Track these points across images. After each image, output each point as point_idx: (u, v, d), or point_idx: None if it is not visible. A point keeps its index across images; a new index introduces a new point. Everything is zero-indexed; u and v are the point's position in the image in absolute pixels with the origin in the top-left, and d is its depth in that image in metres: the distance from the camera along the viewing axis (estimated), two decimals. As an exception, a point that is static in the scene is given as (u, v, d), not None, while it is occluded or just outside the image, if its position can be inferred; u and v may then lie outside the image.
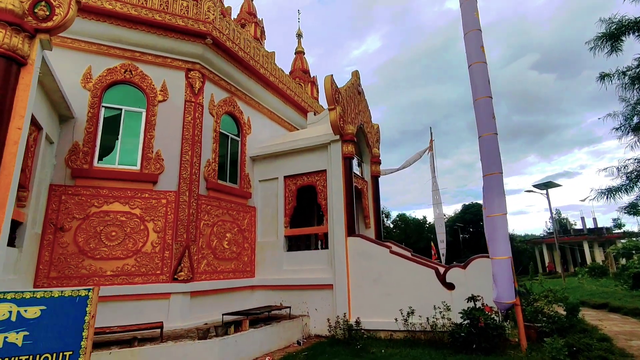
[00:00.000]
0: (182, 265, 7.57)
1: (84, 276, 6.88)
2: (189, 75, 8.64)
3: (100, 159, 7.62)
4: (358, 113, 10.46)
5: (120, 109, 7.98)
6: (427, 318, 7.25)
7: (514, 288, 6.07)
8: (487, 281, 6.90)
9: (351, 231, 8.68)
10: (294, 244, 9.68)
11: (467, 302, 6.63)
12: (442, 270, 7.73)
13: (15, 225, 5.88)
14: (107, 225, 7.26)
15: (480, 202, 7.68)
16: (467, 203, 46.58)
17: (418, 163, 19.37)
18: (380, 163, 11.42)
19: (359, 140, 10.98)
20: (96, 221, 7.19)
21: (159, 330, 6.37)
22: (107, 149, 7.75)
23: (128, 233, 7.38)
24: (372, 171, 11.16)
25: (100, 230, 7.17)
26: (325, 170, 9.41)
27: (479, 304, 6.52)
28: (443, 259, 17.56)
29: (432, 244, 20.85)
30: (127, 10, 7.89)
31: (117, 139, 7.84)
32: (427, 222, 45.87)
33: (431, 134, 19.44)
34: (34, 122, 6.11)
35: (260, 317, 8.42)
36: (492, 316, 6.29)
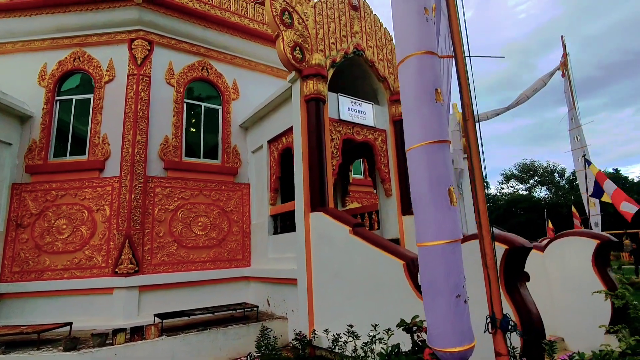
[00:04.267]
0: (122, 257, 6.78)
1: (39, 270, 6.92)
2: (132, 46, 7.70)
3: (57, 153, 7.57)
4: (349, 36, 7.33)
5: (72, 99, 7.77)
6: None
7: (467, 320, 2.52)
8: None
9: (317, 204, 6.02)
10: (286, 225, 7.60)
11: (407, 331, 3.28)
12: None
13: (-53, 226, 6.24)
14: (59, 218, 7.12)
15: None
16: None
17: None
18: (408, 101, 7.84)
19: (361, 74, 7.79)
20: (49, 215, 7.14)
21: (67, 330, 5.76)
22: (63, 142, 7.65)
23: (77, 225, 7.07)
24: (394, 115, 7.76)
25: (52, 224, 7.09)
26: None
27: (414, 339, 3.10)
28: (597, 230, 11.37)
29: (572, 208, 13.73)
30: (54, -6, 7.52)
31: (69, 130, 7.65)
32: None
33: (563, 46, 12.93)
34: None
35: (235, 316, 6.93)
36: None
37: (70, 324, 5.82)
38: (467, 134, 2.99)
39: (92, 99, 7.64)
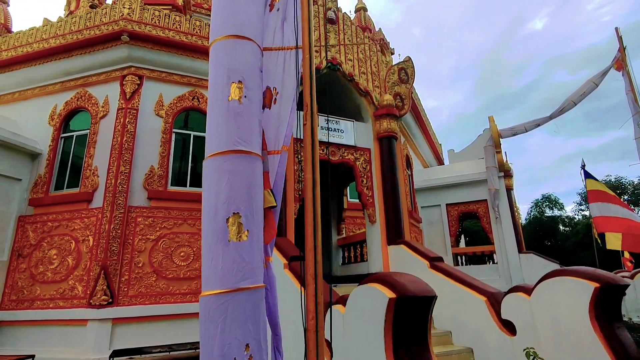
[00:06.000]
0: (97, 288, 6.78)
1: (31, 299, 7.22)
2: (123, 82, 8.06)
3: (57, 186, 8.05)
4: (322, 51, 6.84)
5: (72, 135, 8.30)
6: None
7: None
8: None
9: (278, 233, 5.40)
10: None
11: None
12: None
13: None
14: (52, 248, 7.45)
15: None
16: None
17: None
18: (397, 117, 6.98)
19: (341, 90, 7.16)
20: (44, 246, 7.51)
21: (29, 364, 5.78)
22: (63, 176, 8.13)
23: (64, 255, 7.32)
24: (379, 132, 6.94)
25: (46, 254, 7.43)
26: (266, 148, 6.47)
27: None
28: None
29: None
30: (59, 42, 8.25)
31: (68, 164, 8.13)
32: None
33: (619, 39, 10.89)
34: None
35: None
36: None
37: (33, 356, 5.85)
38: (304, 144, 2.28)
39: (88, 133, 8.09)
